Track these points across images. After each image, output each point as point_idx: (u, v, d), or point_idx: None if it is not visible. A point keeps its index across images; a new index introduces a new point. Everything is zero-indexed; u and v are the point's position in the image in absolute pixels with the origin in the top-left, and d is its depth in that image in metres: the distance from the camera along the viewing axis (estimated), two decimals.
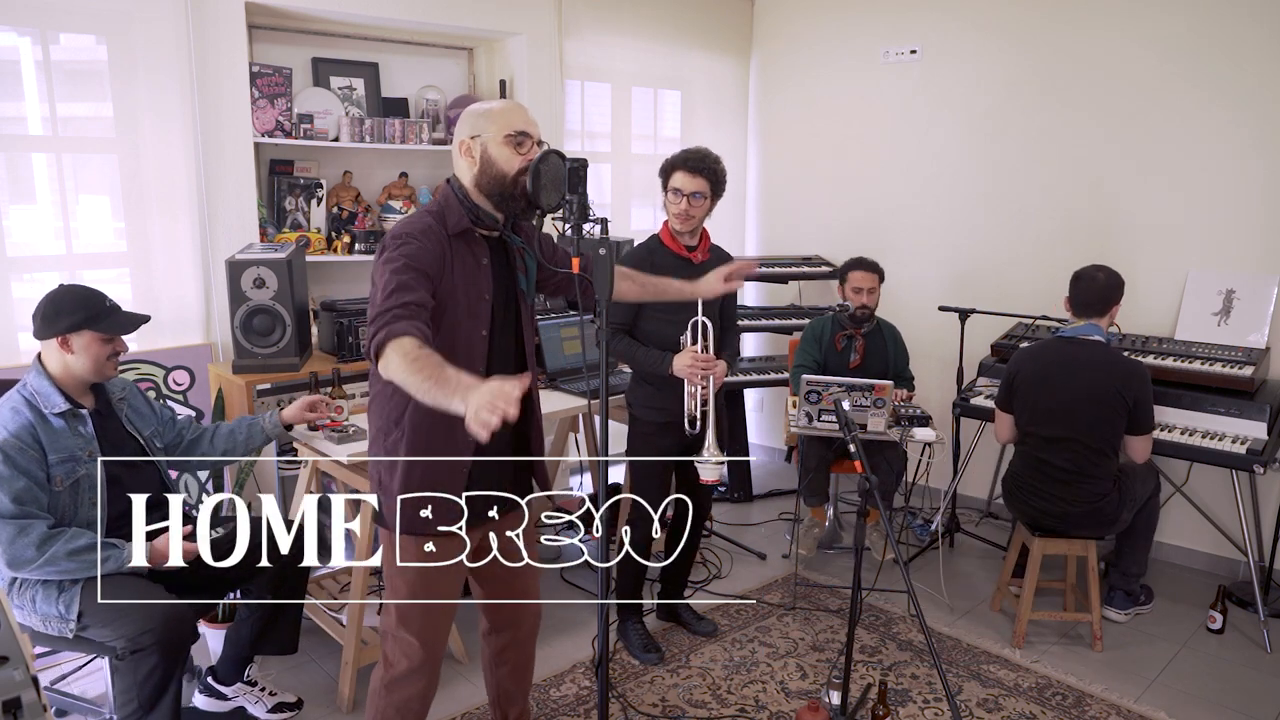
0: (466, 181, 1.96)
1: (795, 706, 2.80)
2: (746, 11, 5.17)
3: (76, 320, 2.27)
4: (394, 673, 2.09)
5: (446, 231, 1.91)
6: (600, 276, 1.87)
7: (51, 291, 2.32)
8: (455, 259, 1.90)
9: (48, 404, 2.28)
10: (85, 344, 2.30)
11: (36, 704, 1.15)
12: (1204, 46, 3.63)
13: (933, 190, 4.51)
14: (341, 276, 3.93)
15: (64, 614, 2.20)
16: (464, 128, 1.96)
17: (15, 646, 1.21)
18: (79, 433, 2.31)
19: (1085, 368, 3.02)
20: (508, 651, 2.33)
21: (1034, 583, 3.17)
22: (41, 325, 2.29)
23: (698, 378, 2.75)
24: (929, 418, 3.47)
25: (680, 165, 2.81)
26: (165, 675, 2.16)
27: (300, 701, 2.71)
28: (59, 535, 2.17)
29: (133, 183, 3.26)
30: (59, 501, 2.25)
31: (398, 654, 2.09)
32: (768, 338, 5.19)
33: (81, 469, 2.29)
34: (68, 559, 2.17)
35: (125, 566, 2.23)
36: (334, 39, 3.90)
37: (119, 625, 2.15)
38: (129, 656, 2.14)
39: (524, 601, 2.29)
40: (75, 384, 2.36)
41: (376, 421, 2.03)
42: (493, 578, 2.22)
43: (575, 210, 1.87)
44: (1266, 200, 3.55)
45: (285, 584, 2.55)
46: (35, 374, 2.31)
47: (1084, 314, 3.11)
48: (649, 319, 2.89)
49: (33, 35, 3.05)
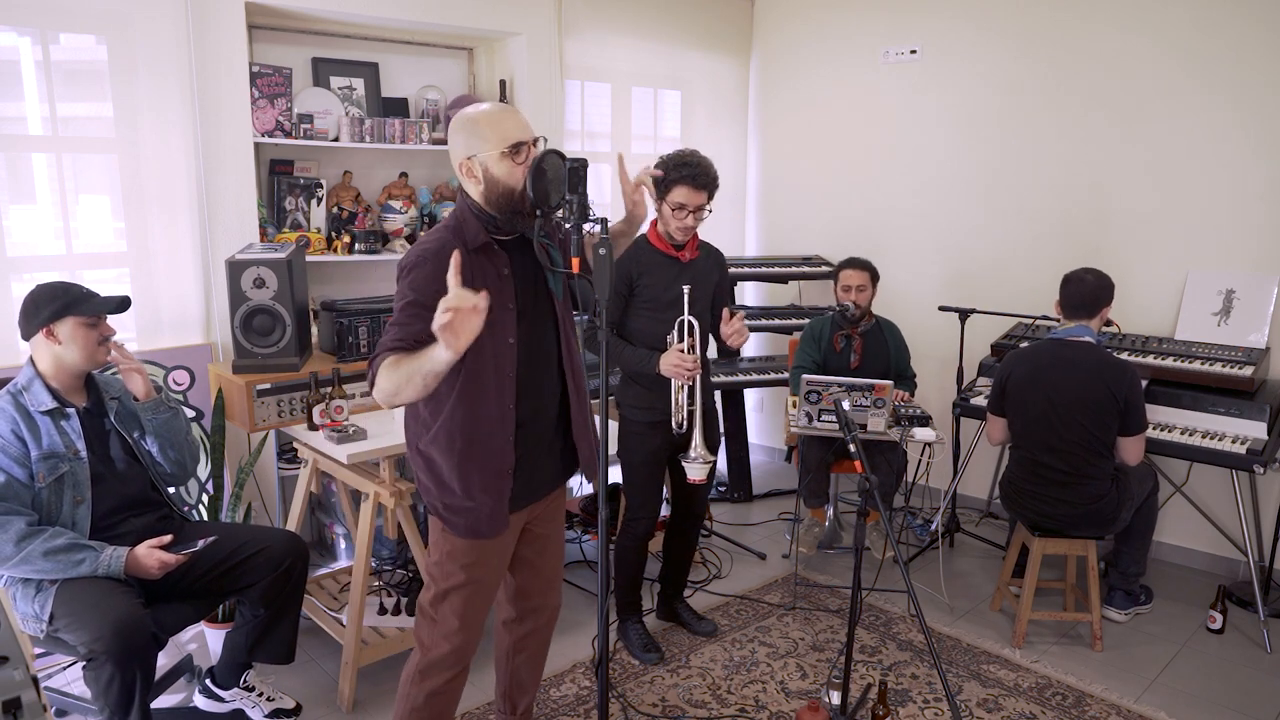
0: (477, 197, 1.96)
1: (795, 706, 2.80)
2: (746, 11, 5.17)
3: (55, 309, 2.28)
4: (431, 656, 2.10)
5: (466, 246, 1.91)
6: (600, 276, 1.87)
7: (32, 290, 2.33)
8: (476, 274, 1.90)
9: (34, 401, 2.29)
10: (70, 332, 2.30)
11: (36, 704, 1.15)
12: (1204, 47, 3.63)
13: (933, 190, 4.51)
14: (341, 276, 3.93)
15: (38, 614, 2.20)
16: (458, 148, 1.93)
17: (15, 646, 1.21)
18: (64, 430, 2.32)
19: (1076, 369, 3.02)
20: (528, 639, 2.36)
21: (1034, 583, 3.17)
22: (24, 322, 2.31)
23: (684, 376, 2.74)
24: (929, 418, 3.47)
25: (686, 181, 2.73)
26: (125, 683, 2.11)
27: (299, 707, 2.71)
28: (38, 533, 2.18)
29: (133, 183, 3.26)
30: (41, 498, 2.26)
31: (436, 636, 2.10)
32: (768, 338, 5.19)
33: (65, 466, 2.29)
34: (44, 558, 2.17)
35: (101, 571, 2.22)
36: (334, 39, 3.90)
37: (80, 630, 2.13)
38: (89, 663, 2.14)
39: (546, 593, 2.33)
40: (68, 378, 2.36)
41: (416, 415, 2.07)
42: (522, 561, 2.25)
43: (575, 210, 1.87)
44: (1267, 200, 3.55)
45: (280, 596, 2.53)
46: (26, 372, 2.33)
47: (1074, 316, 3.11)
48: (637, 316, 2.89)
49: (33, 35, 3.05)
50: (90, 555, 2.21)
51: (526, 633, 2.35)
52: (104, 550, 2.24)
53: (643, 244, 2.89)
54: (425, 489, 2.08)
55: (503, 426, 1.99)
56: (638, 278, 2.86)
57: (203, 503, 3.11)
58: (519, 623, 2.34)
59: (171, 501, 2.60)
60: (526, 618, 2.33)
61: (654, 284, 2.86)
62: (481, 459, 1.99)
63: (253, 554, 2.48)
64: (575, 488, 4.59)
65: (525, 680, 2.41)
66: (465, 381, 1.95)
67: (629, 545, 3.04)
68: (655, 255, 2.87)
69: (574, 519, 3.99)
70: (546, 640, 2.40)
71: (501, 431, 1.99)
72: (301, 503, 2.99)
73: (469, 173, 1.93)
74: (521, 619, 2.33)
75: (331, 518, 3.72)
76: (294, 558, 2.53)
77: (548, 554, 2.29)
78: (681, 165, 2.75)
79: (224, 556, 2.45)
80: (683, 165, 2.75)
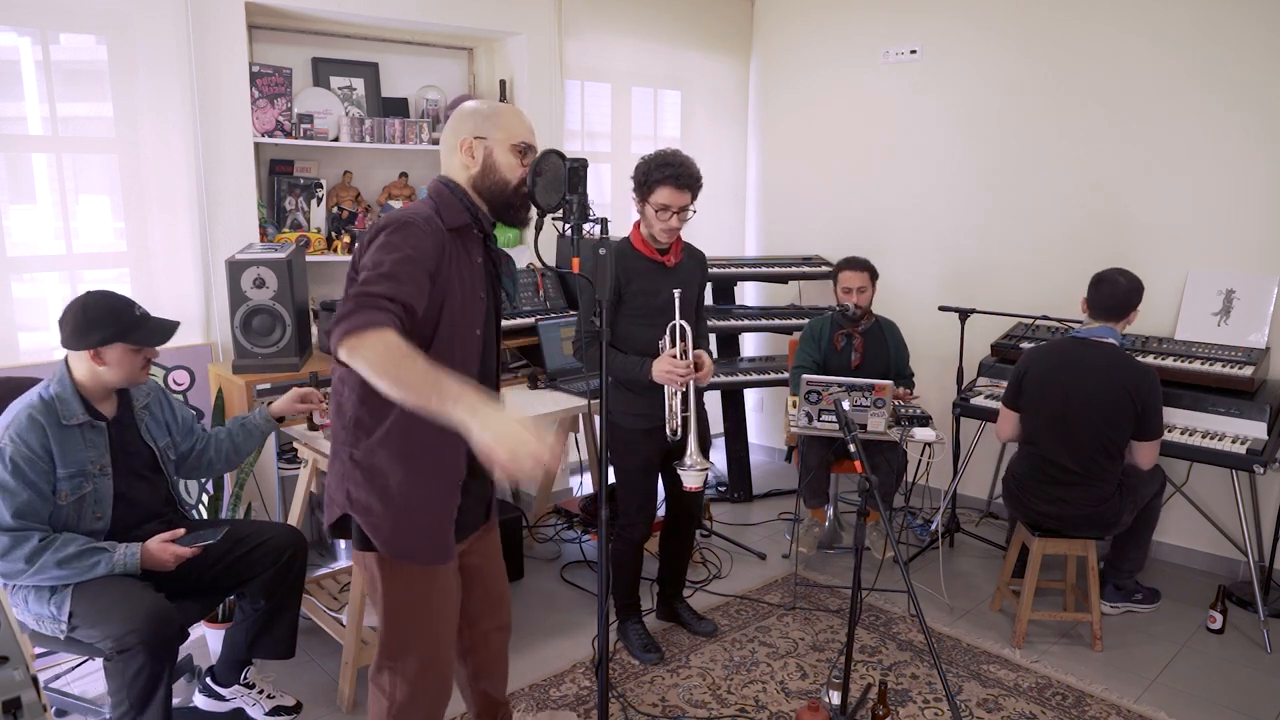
0: (462, 180, 1.90)
1: (795, 706, 2.80)
2: (746, 11, 5.17)
3: (108, 334, 2.24)
4: (397, 705, 1.92)
5: (444, 225, 1.82)
6: (600, 276, 1.87)
7: (81, 300, 2.27)
8: (453, 254, 1.82)
9: (66, 413, 2.24)
10: (118, 357, 2.27)
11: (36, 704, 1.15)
12: (1205, 46, 3.63)
13: (933, 190, 4.51)
14: (341, 276, 3.91)
15: (55, 615, 2.20)
16: (465, 125, 1.89)
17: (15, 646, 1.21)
18: (93, 444, 2.29)
19: (1095, 369, 3.01)
20: (487, 665, 2.25)
21: (1034, 583, 3.17)
22: (71, 337, 2.24)
23: (677, 382, 2.72)
24: (929, 418, 3.47)
25: (668, 181, 2.69)
26: (153, 675, 2.14)
27: (299, 705, 2.71)
28: (48, 546, 2.16)
29: (133, 183, 3.26)
30: (60, 514, 2.23)
31: (396, 686, 1.92)
32: (768, 338, 5.19)
33: (89, 485, 2.27)
34: (58, 567, 2.16)
35: (117, 569, 2.23)
36: (334, 39, 3.90)
37: (105, 625, 2.15)
38: (116, 657, 2.14)
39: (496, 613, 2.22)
40: (102, 391, 2.33)
41: (345, 416, 1.80)
42: (469, 590, 2.13)
43: (575, 210, 1.87)
44: (1267, 200, 3.55)
45: (281, 588, 2.54)
46: (60, 379, 2.28)
47: (1101, 317, 3.09)
48: (625, 322, 2.85)
49: (33, 35, 3.05)
50: (104, 557, 2.22)
51: (482, 661, 2.23)
52: (116, 549, 2.24)
53: (627, 250, 2.84)
54: (363, 510, 1.80)
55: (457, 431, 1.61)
56: (625, 284, 2.82)
57: (203, 503, 3.11)
58: (473, 653, 2.21)
59: (182, 507, 2.61)
60: (480, 643, 2.20)
61: (641, 290, 2.82)
62: (435, 467, 1.81)
63: (254, 547, 2.49)
64: (575, 488, 4.59)
65: (495, 695, 2.31)
66: None
67: (625, 549, 3.03)
68: (641, 261, 2.83)
69: (574, 519, 3.99)
70: (504, 656, 2.29)
71: (454, 437, 1.61)
72: (301, 503, 2.99)
73: (469, 152, 1.88)
74: (474, 647, 2.20)
75: None
76: (294, 550, 2.55)
77: (489, 577, 2.16)
78: (663, 165, 2.70)
79: (225, 550, 2.46)
80: (664, 165, 2.70)
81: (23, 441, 2.17)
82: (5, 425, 2.20)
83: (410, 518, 1.82)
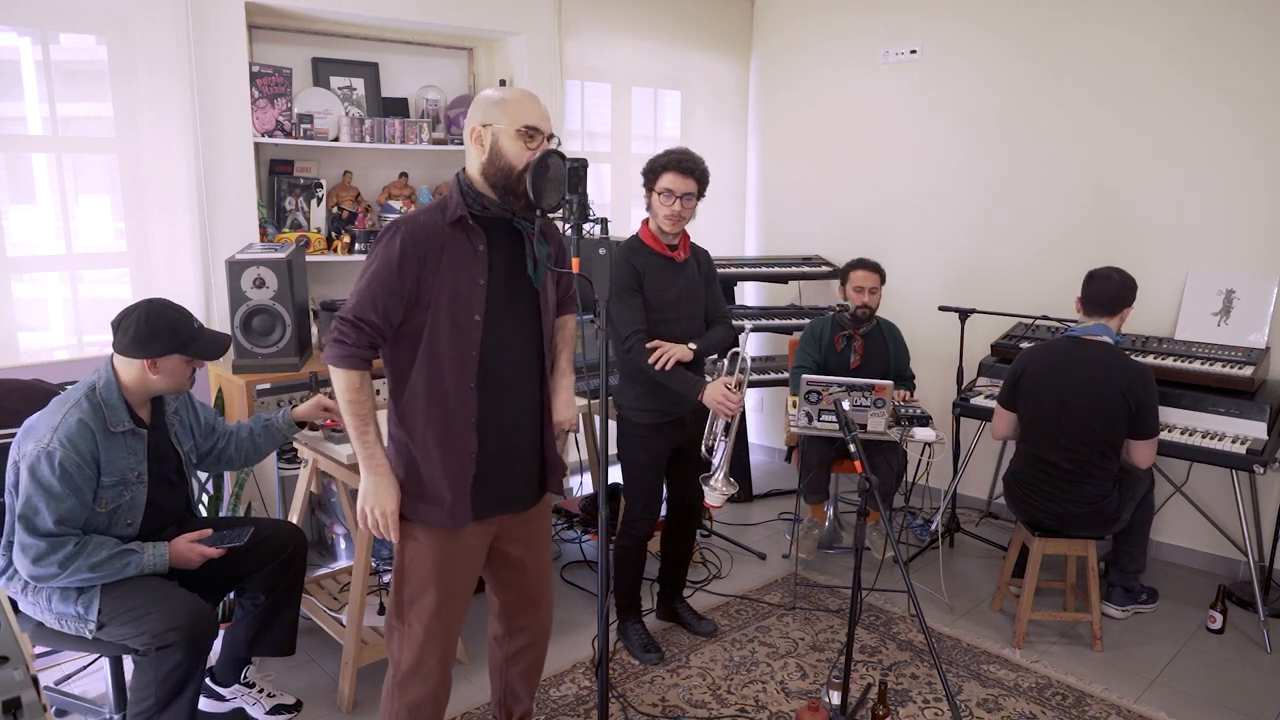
0: (473, 169, 1.94)
1: (795, 706, 2.80)
2: (746, 11, 5.17)
3: (169, 345, 2.26)
4: (403, 669, 2.06)
5: (444, 219, 1.92)
6: (600, 276, 1.87)
7: (143, 309, 2.26)
8: (448, 246, 1.90)
9: (114, 420, 2.24)
10: (173, 367, 2.29)
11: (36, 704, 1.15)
12: (1205, 47, 3.63)
13: (933, 190, 4.51)
14: (341, 276, 3.93)
15: (83, 614, 2.20)
16: (476, 114, 1.94)
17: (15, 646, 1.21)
18: (133, 451, 2.29)
19: (1090, 368, 3.01)
20: (519, 656, 2.31)
21: (1034, 583, 3.17)
22: (132, 345, 2.24)
23: (727, 414, 2.75)
24: (929, 418, 3.47)
25: (671, 167, 2.78)
26: (187, 671, 2.18)
27: (299, 703, 2.71)
28: (82, 550, 2.16)
29: (133, 183, 3.26)
30: (93, 520, 2.23)
31: (404, 647, 2.05)
32: (768, 338, 5.19)
33: (128, 494, 2.28)
34: (90, 571, 2.17)
35: (147, 569, 2.25)
36: (334, 39, 3.90)
37: (143, 623, 2.16)
38: (153, 653, 2.15)
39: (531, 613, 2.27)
40: (144, 397, 2.34)
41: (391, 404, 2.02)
42: (506, 581, 2.22)
43: (575, 210, 1.87)
44: (1267, 200, 3.55)
45: (281, 583, 2.55)
46: (107, 383, 2.26)
47: (1094, 314, 3.11)
48: (650, 321, 2.85)
49: (33, 35, 3.06)
50: (135, 558, 2.23)
51: (517, 650, 2.30)
52: (145, 550, 2.25)
53: (637, 245, 2.88)
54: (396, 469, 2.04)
55: (462, 405, 1.94)
56: (642, 278, 2.85)
57: (203, 503, 3.11)
58: (508, 639, 2.29)
59: (195, 509, 2.61)
60: (514, 635, 2.28)
61: (652, 285, 2.85)
62: (441, 437, 1.95)
63: (255, 543, 2.49)
64: (575, 488, 4.59)
65: (520, 692, 2.36)
66: (425, 352, 1.92)
67: (629, 546, 3.03)
68: (652, 257, 2.87)
69: (574, 519, 3.99)
70: (540, 657, 2.35)
71: (461, 412, 1.94)
72: (301, 502, 2.99)
73: (478, 140, 1.92)
74: (510, 635, 2.29)
75: (331, 517, 3.73)
76: (295, 545, 2.57)
77: (529, 574, 2.22)
78: (669, 154, 2.83)
79: None
80: (670, 153, 2.83)
81: (73, 447, 2.14)
82: (53, 428, 2.16)
83: (419, 479, 1.98)
